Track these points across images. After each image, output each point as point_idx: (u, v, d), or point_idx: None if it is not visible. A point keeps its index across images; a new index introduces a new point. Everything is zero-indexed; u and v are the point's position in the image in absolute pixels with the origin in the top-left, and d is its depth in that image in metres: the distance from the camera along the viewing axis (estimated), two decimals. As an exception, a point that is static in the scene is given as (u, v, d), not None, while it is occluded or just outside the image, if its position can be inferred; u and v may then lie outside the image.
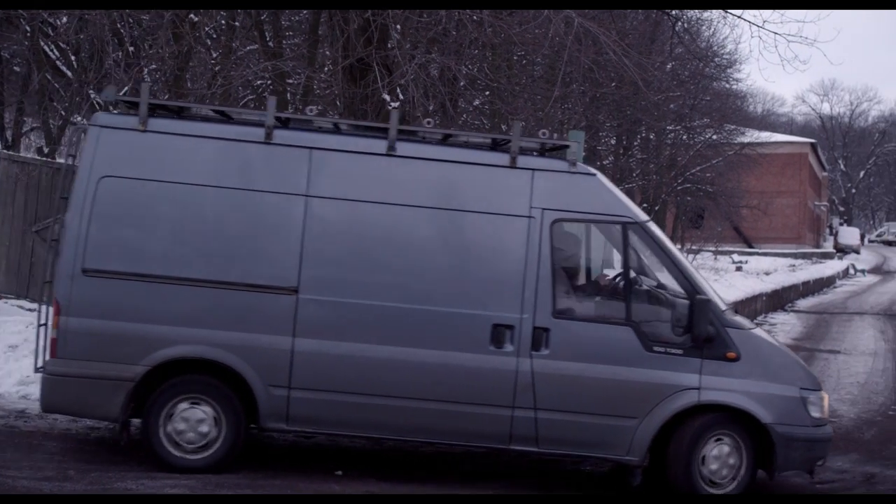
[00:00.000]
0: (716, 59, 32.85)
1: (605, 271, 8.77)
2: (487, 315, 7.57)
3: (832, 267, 41.59)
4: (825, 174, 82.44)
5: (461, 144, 8.25)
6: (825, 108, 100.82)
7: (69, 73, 17.66)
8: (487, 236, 7.75)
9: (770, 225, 60.61)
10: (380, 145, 7.75)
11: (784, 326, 22.95)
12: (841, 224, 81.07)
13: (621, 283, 8.07)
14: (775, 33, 15.93)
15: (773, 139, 57.23)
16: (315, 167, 7.62)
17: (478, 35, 14.87)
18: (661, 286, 8.16)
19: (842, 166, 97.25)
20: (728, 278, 25.75)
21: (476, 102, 21.40)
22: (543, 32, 15.13)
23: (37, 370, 7.89)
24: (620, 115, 26.93)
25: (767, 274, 34.26)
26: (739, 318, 8.41)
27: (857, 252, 60.85)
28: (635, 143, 33.41)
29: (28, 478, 7.05)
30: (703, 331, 7.61)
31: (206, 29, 16.35)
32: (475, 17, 13.99)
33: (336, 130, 8.19)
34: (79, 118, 19.36)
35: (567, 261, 8.09)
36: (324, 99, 16.87)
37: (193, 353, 7.46)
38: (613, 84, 22.79)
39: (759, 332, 8.33)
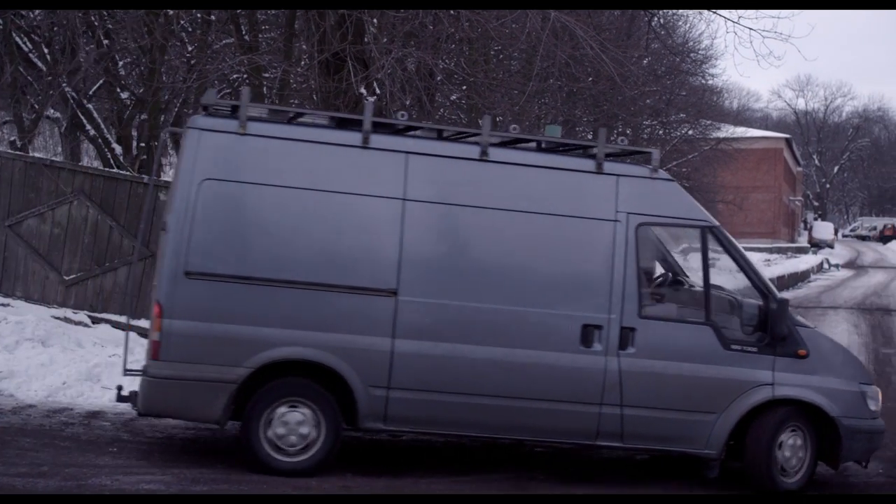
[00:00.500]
0: (692, 55, 32.96)
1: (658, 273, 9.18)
2: (577, 315, 7.89)
3: (806, 261, 41.83)
4: (800, 169, 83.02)
5: (540, 149, 8.40)
6: (800, 104, 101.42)
7: (42, 66, 17.49)
8: (576, 239, 8.06)
9: (745, 220, 60.81)
10: (473, 150, 7.94)
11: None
12: (815, 219, 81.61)
13: (669, 282, 8.74)
14: (750, 29, 15.92)
15: (748, 134, 57.45)
16: (411, 171, 7.79)
17: (455, 29, 14.87)
18: (716, 286, 8.51)
19: (816, 161, 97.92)
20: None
21: (453, 97, 21.37)
22: (520, 27, 15.13)
23: (126, 373, 8.01)
24: (597, 110, 26.96)
25: (742, 268, 34.31)
26: (802, 318, 8.84)
27: (832, 247, 61.20)
28: (612, 138, 33.50)
29: (0, 474, 6.98)
30: (782, 330, 8.08)
31: (182, 22, 16.25)
32: (452, 12, 13.98)
33: (429, 135, 8.41)
34: (52, 111, 19.22)
35: (650, 263, 8.57)
36: (300, 93, 16.81)
37: (296, 355, 7.54)
38: (590, 79, 22.81)
39: (820, 330, 8.86)
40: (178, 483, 7.10)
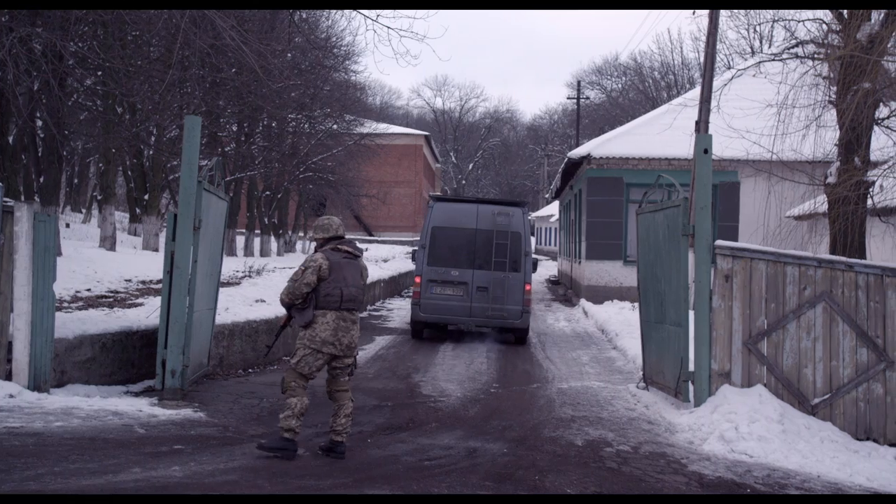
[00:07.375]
0: (335, 50, 33.57)
1: None
2: None
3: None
4: (438, 165, 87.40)
5: None
6: (438, 103, 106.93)
7: None
8: None
9: (388, 213, 63.08)
10: None
11: (399, 311, 24.46)
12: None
13: None
14: (388, 28, 16.60)
15: (390, 130, 59.61)
16: None
17: (86, 11, 14.06)
18: None
19: (453, 158, 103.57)
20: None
21: (88, 82, 20.28)
22: (157, 13, 14.62)
23: None
24: (241, 102, 26.69)
25: (385, 261, 35.69)
26: None
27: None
28: (257, 131, 33.25)
29: None
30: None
31: None
32: (82, -8, 13.18)
33: None
34: None
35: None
36: None
37: None
38: (233, 70, 22.54)
39: None
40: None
